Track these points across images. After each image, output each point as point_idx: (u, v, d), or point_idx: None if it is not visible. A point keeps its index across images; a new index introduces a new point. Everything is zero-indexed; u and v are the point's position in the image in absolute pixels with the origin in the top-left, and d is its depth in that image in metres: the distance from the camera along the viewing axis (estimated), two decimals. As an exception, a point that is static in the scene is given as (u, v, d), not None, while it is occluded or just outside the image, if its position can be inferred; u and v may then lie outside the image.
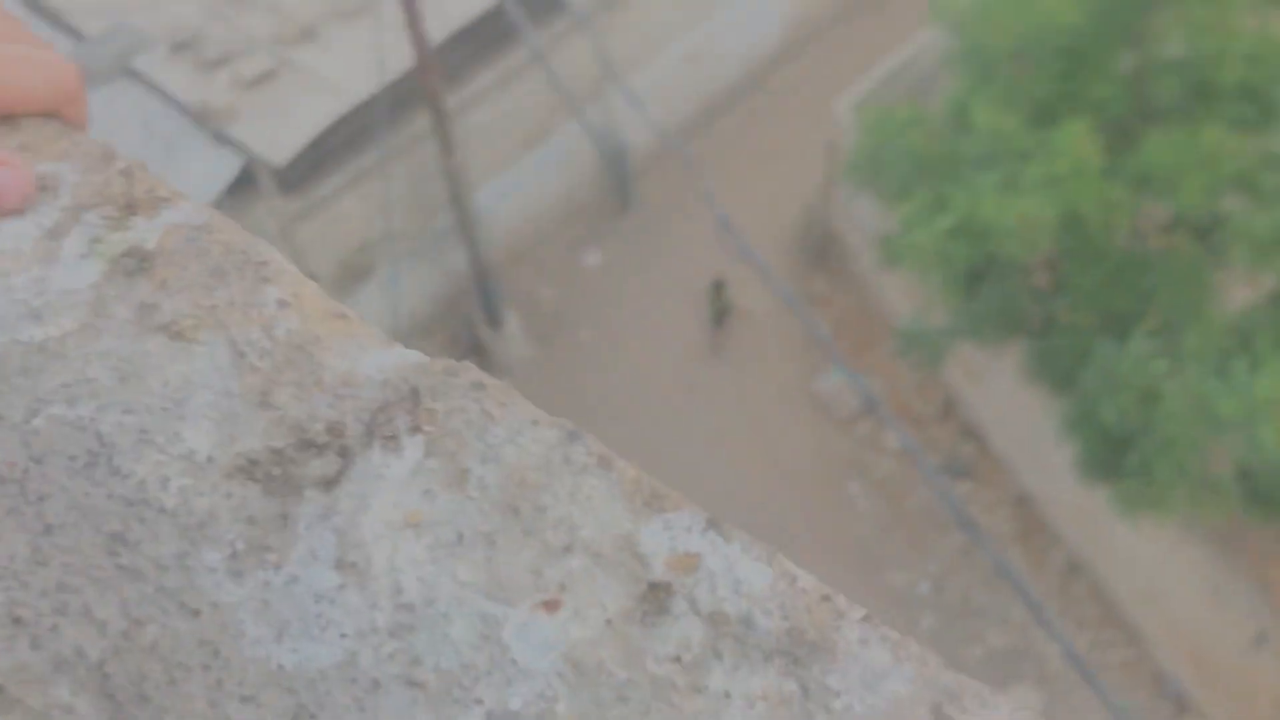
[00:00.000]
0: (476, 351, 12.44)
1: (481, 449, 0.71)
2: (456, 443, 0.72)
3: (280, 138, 9.51)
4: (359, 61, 9.66)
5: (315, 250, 10.85)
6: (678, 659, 0.73)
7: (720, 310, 12.01)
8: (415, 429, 0.71)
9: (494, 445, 0.71)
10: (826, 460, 11.60)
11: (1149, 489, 7.73)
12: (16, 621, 0.67)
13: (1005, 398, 10.42)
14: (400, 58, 9.46)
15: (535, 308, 12.64)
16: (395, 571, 0.67)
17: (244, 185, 9.92)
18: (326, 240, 10.89)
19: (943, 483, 10.82)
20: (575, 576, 0.70)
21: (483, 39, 10.90)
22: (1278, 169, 6.94)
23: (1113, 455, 8.09)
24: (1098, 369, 7.67)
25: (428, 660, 0.66)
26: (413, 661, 0.66)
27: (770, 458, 11.50)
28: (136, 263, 0.77)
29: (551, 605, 0.69)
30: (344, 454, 0.69)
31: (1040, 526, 10.78)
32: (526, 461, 0.71)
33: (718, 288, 11.78)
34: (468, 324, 12.52)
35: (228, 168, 9.54)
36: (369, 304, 11.54)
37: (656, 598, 0.75)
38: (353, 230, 11.04)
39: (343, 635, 0.66)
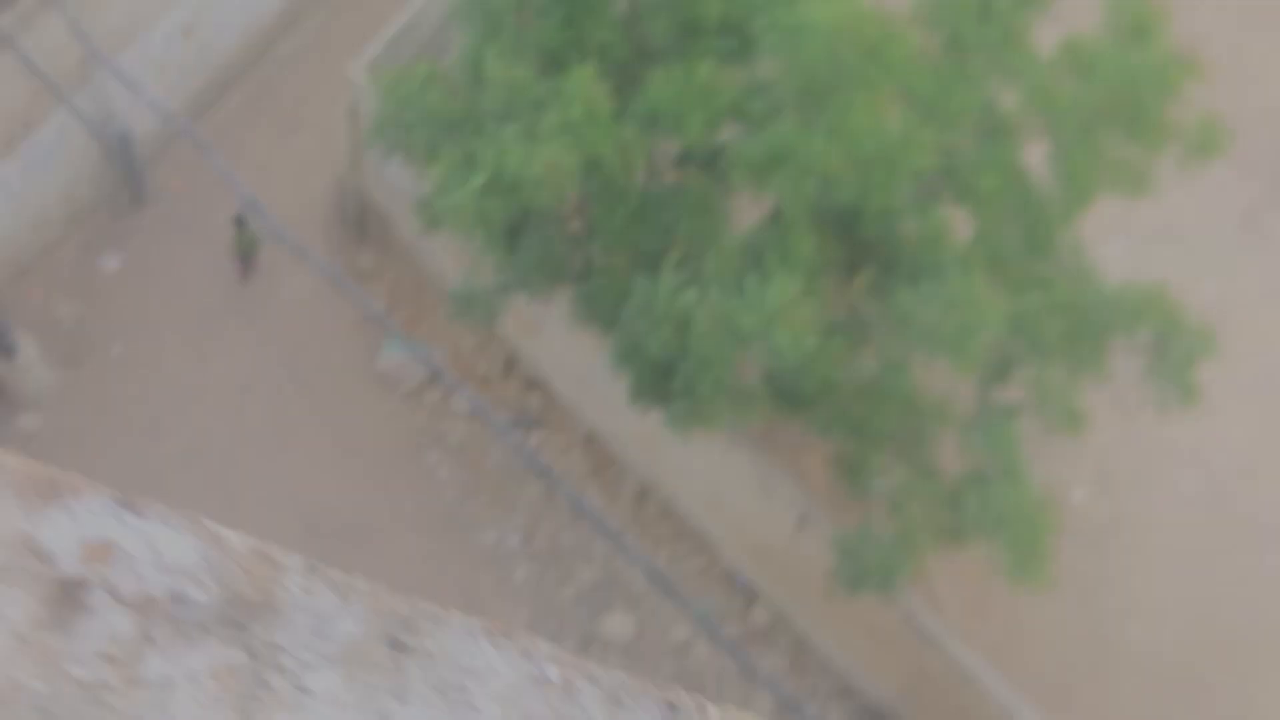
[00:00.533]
0: (-12, 385, 11.01)
1: None
2: None
3: None
4: None
5: None
6: (108, 656, 0.67)
7: (246, 246, 11.43)
8: None
9: None
10: (400, 435, 11.48)
11: (694, 407, 8.34)
12: None
13: (561, 345, 10.80)
14: None
15: (54, 327, 11.36)
16: None
17: None
18: None
19: (515, 436, 11.07)
20: None
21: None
22: (761, 96, 7.67)
23: (660, 382, 8.64)
24: (636, 305, 8.12)
25: None
26: None
27: (343, 444, 11.20)
28: None
29: None
30: None
31: (610, 461, 11.36)
32: None
33: (240, 223, 11.13)
34: (-28, 355, 11.02)
35: None
36: None
37: (71, 596, 0.68)
38: None
39: None
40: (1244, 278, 11.18)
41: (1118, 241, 10.23)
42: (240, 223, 11.12)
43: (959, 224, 8.38)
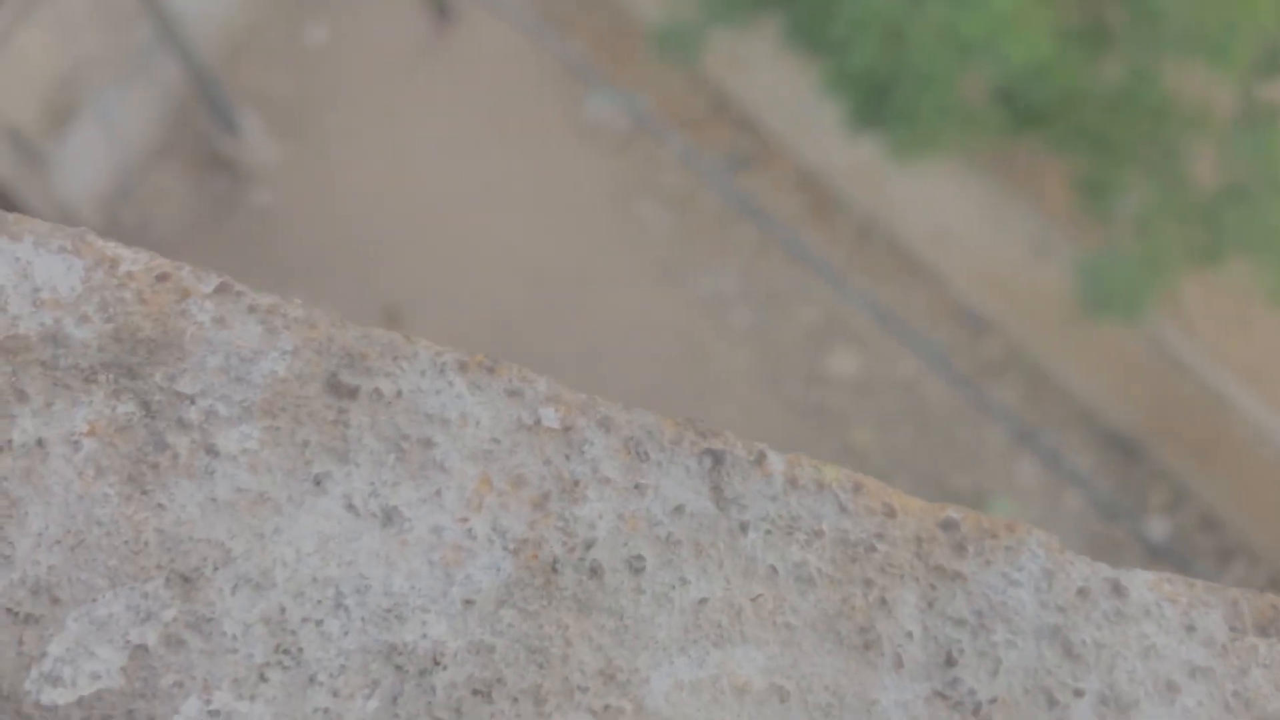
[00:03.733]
0: (220, 165, 11.52)
1: None
2: None
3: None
4: None
5: (7, 96, 9.67)
6: None
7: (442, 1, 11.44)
8: None
9: None
10: (610, 186, 11.39)
11: (916, 131, 7.83)
12: None
13: (771, 78, 10.33)
14: None
15: (271, 103, 11.69)
16: None
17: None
18: (15, 83, 9.70)
19: (727, 180, 10.81)
20: None
21: None
22: None
23: (877, 106, 8.12)
24: (844, 20, 7.57)
25: None
26: None
27: (555, 199, 11.23)
28: None
29: None
30: None
31: (828, 198, 10.95)
32: None
33: None
34: (203, 139, 11.53)
35: None
36: (86, 143, 10.49)
37: None
38: (43, 66, 9.86)
39: None
40: None
41: None
42: None
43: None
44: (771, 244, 10.78)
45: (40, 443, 0.55)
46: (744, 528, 0.70)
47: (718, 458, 0.75)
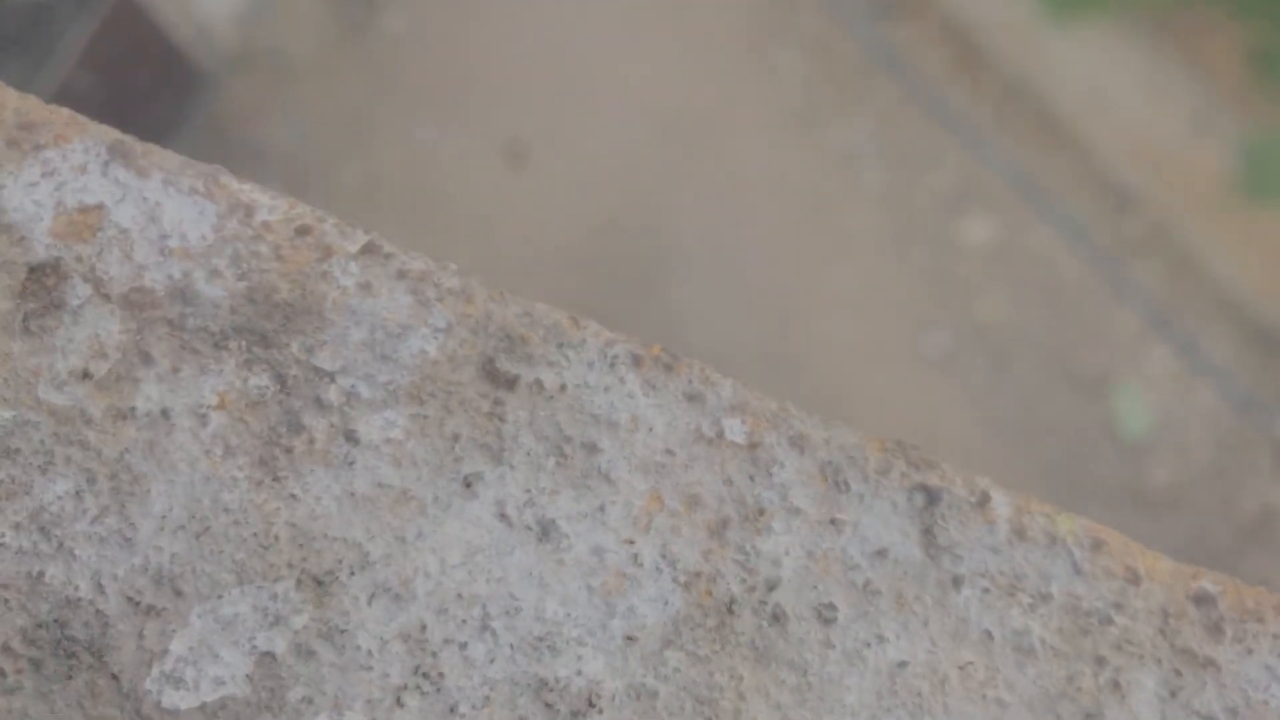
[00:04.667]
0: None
1: None
2: None
3: None
4: None
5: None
6: (87, 374, 0.46)
7: None
8: None
9: None
10: (745, 30, 10.97)
11: (1081, -11, 7.28)
12: None
13: (923, -79, 9.68)
14: None
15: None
16: None
17: None
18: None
19: (868, 28, 10.28)
20: None
21: None
22: None
23: (1039, -41, 7.56)
24: None
25: None
26: None
27: (686, 40, 10.88)
28: None
29: None
30: None
31: (975, 55, 10.38)
32: None
33: None
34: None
35: None
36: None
37: (43, 288, 0.48)
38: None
39: None
40: None
41: None
42: None
43: None
44: (910, 100, 10.31)
45: (165, 413, 0.49)
46: (957, 582, 0.60)
47: (932, 495, 0.64)
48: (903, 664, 0.55)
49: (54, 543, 0.50)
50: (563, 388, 0.59)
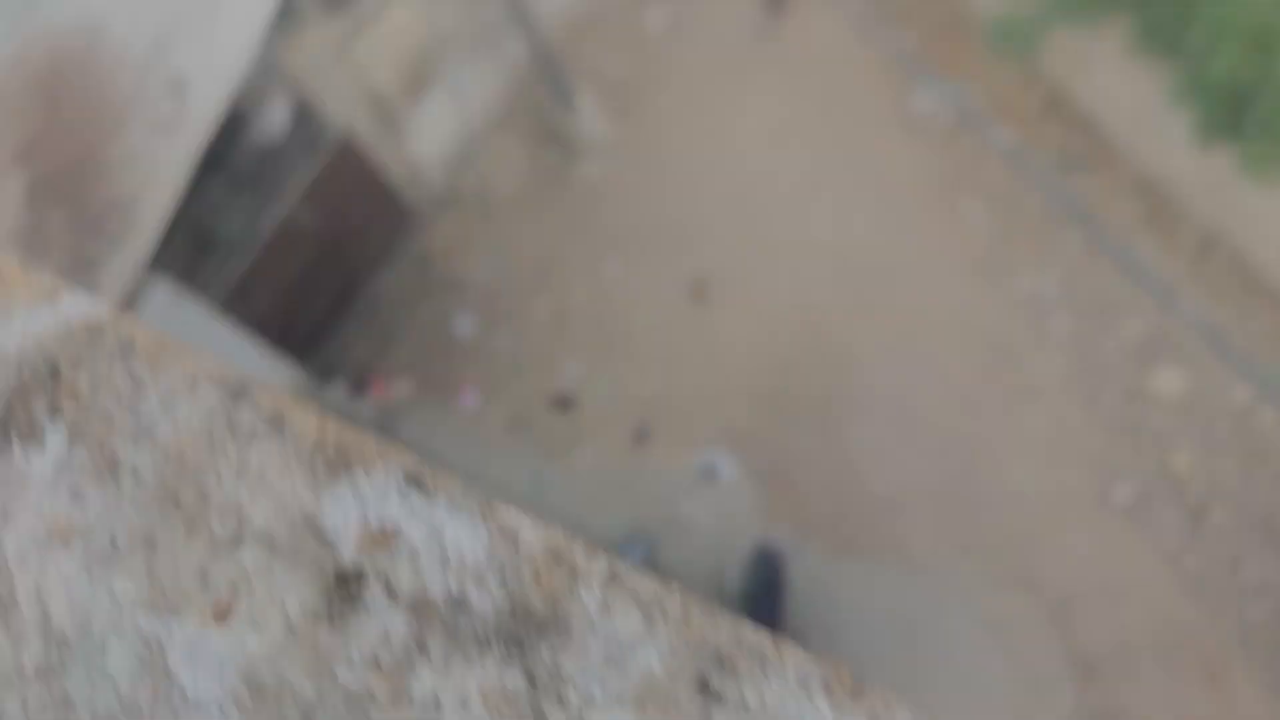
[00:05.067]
0: (555, 139, 12.13)
1: (133, 427, 0.54)
2: (104, 424, 0.54)
3: (312, -44, 9.09)
4: None
5: (374, 66, 10.56)
6: (378, 663, 0.57)
7: None
8: (55, 412, 0.55)
9: (147, 421, 0.54)
10: (932, 179, 11.12)
11: (1277, 145, 7.19)
12: None
13: (1112, 79, 9.73)
14: None
15: (606, 82, 12.18)
16: (43, 597, 0.53)
17: (290, 16, 9.59)
18: (384, 54, 10.57)
19: (1056, 180, 10.31)
20: (248, 573, 0.57)
21: None
22: None
23: (1232, 116, 7.52)
24: (1204, 24, 7.01)
25: (82, 704, 0.52)
26: (64, 706, 0.52)
27: (874, 188, 11.09)
28: None
29: (222, 612, 0.56)
30: None
31: (1166, 207, 10.24)
32: (185, 436, 0.53)
33: None
34: (541, 112, 12.17)
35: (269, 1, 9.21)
36: (437, 111, 11.30)
37: (347, 588, 0.57)
38: (408, 39, 10.68)
39: None
40: None
41: None
42: None
43: None
44: (1099, 251, 10.20)
45: (436, 701, 0.55)
46: None
47: None
48: None
49: None
50: (763, 703, 0.64)
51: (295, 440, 0.55)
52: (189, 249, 10.21)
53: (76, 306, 0.57)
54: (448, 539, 0.57)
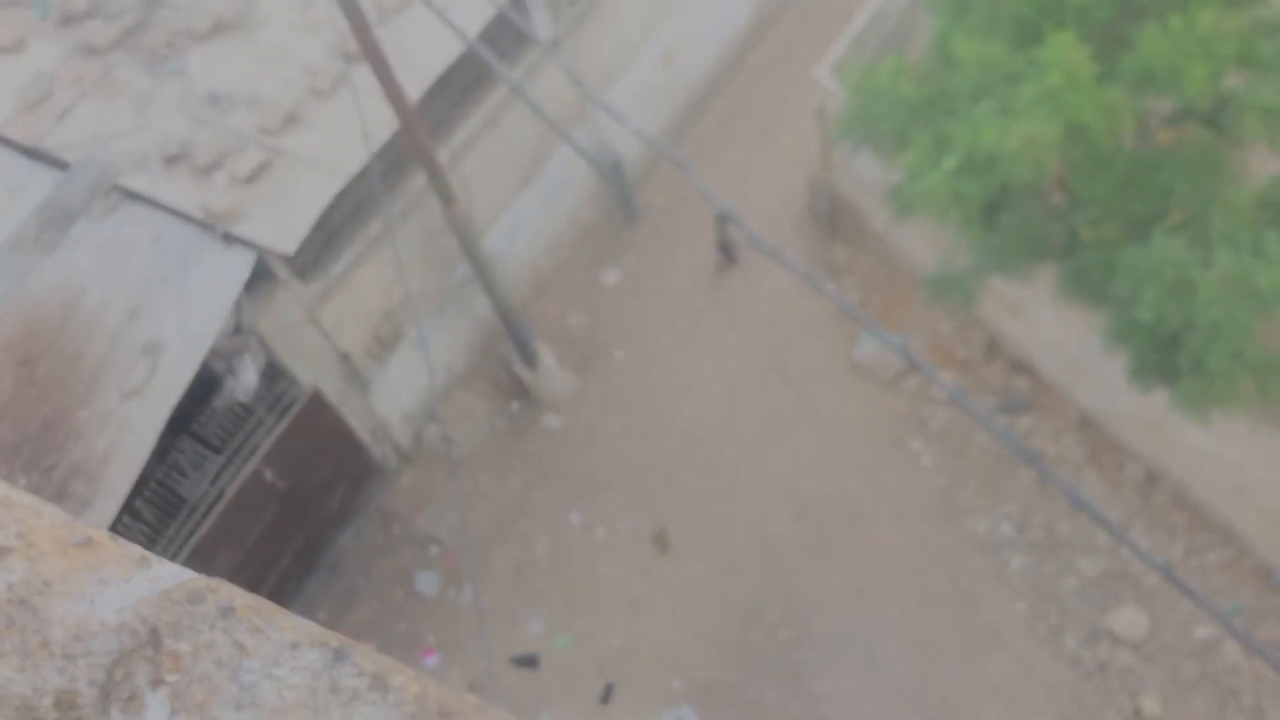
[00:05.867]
0: (518, 392, 12.35)
1: (235, 692, 0.55)
2: (206, 690, 0.56)
3: (286, 226, 9.45)
4: (346, 135, 9.61)
5: (342, 328, 10.81)
6: None
7: (727, 239, 12.07)
8: (158, 681, 0.55)
9: (249, 685, 0.55)
10: (883, 424, 11.37)
11: (1208, 384, 7.45)
12: None
13: (1047, 324, 10.17)
14: (385, 121, 9.41)
15: (567, 336, 12.54)
16: None
17: (263, 279, 9.90)
18: (352, 315, 10.85)
19: (1000, 422, 10.56)
20: None
21: (460, 86, 10.83)
22: (1274, 34, 6.68)
23: (1164, 358, 7.82)
24: (1128, 274, 7.42)
25: None
26: None
27: (827, 433, 11.30)
28: None
29: None
30: None
31: (1110, 445, 10.48)
32: (288, 698, 0.55)
33: (720, 218, 11.81)
34: (505, 366, 12.44)
35: (242, 266, 9.51)
36: (404, 368, 11.49)
37: None
38: (375, 300, 11.00)
39: None
40: None
41: None
42: (721, 218, 11.74)
43: None
44: (1050, 489, 10.36)
45: None
46: None
47: None
48: None
49: None
50: None
51: (398, 700, 0.56)
52: (153, 510, 10.09)
53: (171, 573, 0.58)
54: None
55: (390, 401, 11.83)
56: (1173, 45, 6.55)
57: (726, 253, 12.40)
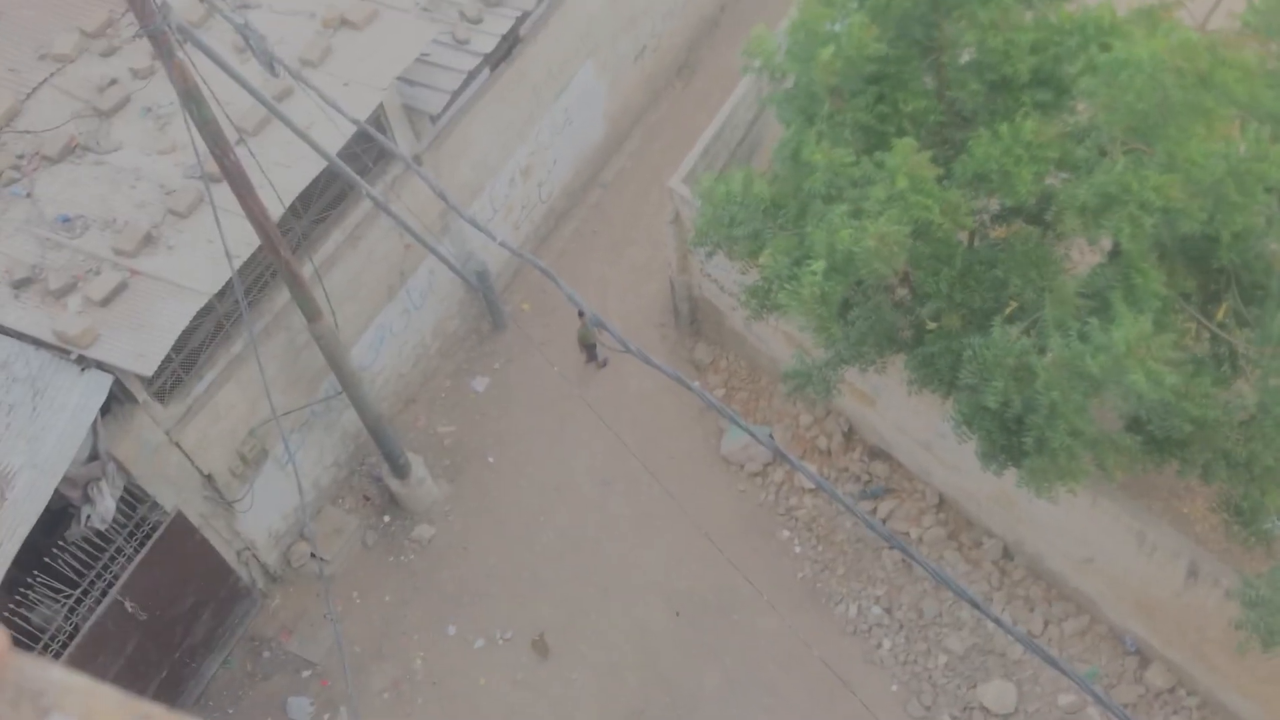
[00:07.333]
0: (389, 505, 11.99)
1: None
2: None
3: (144, 348, 9.06)
4: (206, 254, 9.34)
5: (205, 449, 10.34)
6: None
7: (590, 337, 12.13)
8: None
9: None
10: (752, 515, 11.42)
11: (1051, 461, 7.73)
12: None
13: (900, 411, 10.44)
14: (246, 239, 9.19)
15: (437, 445, 12.28)
16: None
17: (121, 403, 9.43)
18: (214, 436, 10.40)
19: (862, 508, 10.73)
20: None
21: (323, 203, 10.69)
22: (1084, 141, 7.15)
23: (1010, 439, 8.10)
24: (973, 363, 7.70)
25: None
26: None
27: (698, 526, 11.28)
28: None
29: None
30: None
31: (967, 523, 10.75)
32: None
33: (586, 325, 11.92)
34: (375, 479, 12.09)
35: (98, 391, 9.05)
36: (271, 486, 11.03)
37: None
38: (239, 418, 10.58)
39: None
40: None
41: None
42: (589, 323, 11.82)
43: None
44: (915, 569, 10.53)
45: None
46: None
47: None
48: None
49: None
50: None
51: None
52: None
53: None
54: None
55: (257, 522, 11.31)
56: (1003, 150, 6.93)
57: (593, 355, 12.44)
